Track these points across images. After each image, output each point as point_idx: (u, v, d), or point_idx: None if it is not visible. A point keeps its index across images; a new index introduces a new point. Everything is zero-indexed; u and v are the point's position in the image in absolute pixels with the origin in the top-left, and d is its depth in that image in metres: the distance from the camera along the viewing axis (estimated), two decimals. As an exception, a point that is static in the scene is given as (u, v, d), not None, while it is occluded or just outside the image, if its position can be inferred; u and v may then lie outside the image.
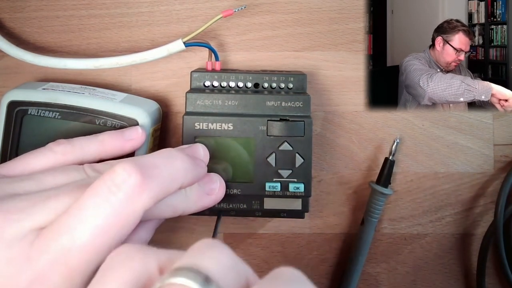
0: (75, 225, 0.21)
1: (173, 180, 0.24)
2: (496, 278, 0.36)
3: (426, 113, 0.36)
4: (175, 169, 0.24)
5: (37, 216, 0.22)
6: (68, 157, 0.27)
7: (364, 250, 0.35)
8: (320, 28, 0.36)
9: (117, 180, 0.21)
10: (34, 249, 0.21)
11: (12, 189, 0.24)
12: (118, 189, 0.21)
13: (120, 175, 0.21)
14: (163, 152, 0.25)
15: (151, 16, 0.36)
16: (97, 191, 0.21)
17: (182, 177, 0.25)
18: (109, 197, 0.21)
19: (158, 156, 0.24)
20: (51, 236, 0.21)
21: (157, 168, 0.23)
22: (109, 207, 0.21)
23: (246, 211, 0.31)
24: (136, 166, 0.22)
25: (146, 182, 0.22)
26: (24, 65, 0.35)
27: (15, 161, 0.27)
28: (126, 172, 0.22)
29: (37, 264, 0.21)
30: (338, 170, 0.36)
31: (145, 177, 0.22)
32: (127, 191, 0.21)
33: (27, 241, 0.21)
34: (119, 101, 0.32)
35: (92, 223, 0.21)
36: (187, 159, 0.26)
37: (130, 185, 0.21)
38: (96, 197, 0.21)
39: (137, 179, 0.22)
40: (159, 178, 0.23)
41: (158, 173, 0.23)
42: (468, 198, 0.36)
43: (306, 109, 0.31)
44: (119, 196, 0.21)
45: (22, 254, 0.21)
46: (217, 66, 0.33)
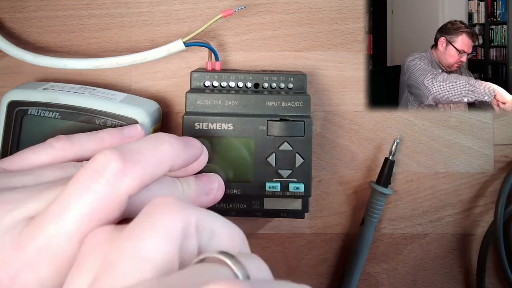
0: (60, 213, 0.21)
1: (159, 163, 0.24)
2: (496, 278, 0.36)
3: (426, 113, 0.36)
4: (161, 152, 0.24)
5: (29, 206, 0.22)
6: (68, 153, 0.28)
7: (364, 250, 0.35)
8: (320, 28, 0.36)
9: (97, 167, 0.22)
10: (22, 237, 0.21)
11: (11, 183, 0.24)
12: (99, 175, 0.21)
13: (100, 162, 0.22)
14: (150, 137, 0.25)
15: (151, 16, 0.36)
16: (80, 179, 0.22)
17: (170, 160, 0.25)
18: (91, 184, 0.21)
19: (143, 141, 0.25)
20: (38, 224, 0.21)
21: (141, 152, 0.23)
22: (91, 194, 0.21)
23: (246, 211, 0.31)
24: (116, 152, 0.22)
25: (127, 166, 0.22)
26: (24, 65, 0.35)
27: (16, 156, 0.28)
28: (107, 158, 0.22)
29: (25, 252, 0.21)
30: (338, 170, 0.36)
31: (126, 161, 0.22)
32: (108, 177, 0.21)
33: (17, 230, 0.21)
34: (119, 101, 0.32)
35: (76, 210, 0.21)
36: (175, 141, 0.25)
37: (110, 171, 0.22)
38: (79, 185, 0.21)
39: (118, 164, 0.22)
40: (142, 161, 0.23)
41: (141, 157, 0.23)
42: (468, 198, 0.36)
43: (306, 109, 0.31)
44: (101, 182, 0.21)
45: (11, 242, 0.21)
46: (217, 66, 0.33)
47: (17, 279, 0.21)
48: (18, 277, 0.21)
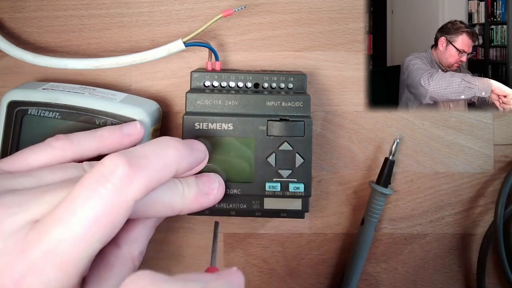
0: (67, 217, 0.21)
1: (165, 168, 0.24)
2: (496, 278, 0.36)
3: (426, 113, 0.36)
4: (167, 157, 0.24)
5: (33, 209, 0.22)
6: (67, 152, 0.28)
7: (364, 250, 0.35)
8: (320, 28, 0.36)
9: (105, 171, 0.22)
10: (27, 241, 0.21)
11: (12, 185, 0.24)
12: (106, 180, 0.22)
13: (107, 167, 0.22)
14: (155, 141, 0.25)
15: (151, 16, 0.36)
16: (87, 183, 0.22)
17: (176, 164, 0.25)
18: (98, 188, 0.21)
19: (149, 145, 0.25)
20: (44, 228, 0.21)
21: (147, 157, 0.23)
22: (98, 199, 0.21)
23: (246, 211, 0.31)
24: (123, 157, 0.22)
25: (134, 172, 0.22)
26: (24, 65, 0.35)
27: (15, 156, 0.27)
28: (114, 163, 0.22)
29: (30, 256, 0.21)
30: (338, 170, 0.36)
31: (133, 167, 0.22)
32: (115, 182, 0.22)
33: (21, 233, 0.21)
34: (119, 101, 0.32)
35: (82, 214, 0.21)
36: (180, 146, 0.26)
37: (118, 176, 0.22)
38: (85, 189, 0.22)
39: (124, 170, 0.22)
40: (148, 167, 0.23)
41: (147, 162, 0.23)
42: (468, 198, 0.36)
43: (306, 109, 0.31)
44: (108, 187, 0.21)
45: (16, 246, 0.21)
46: (217, 66, 0.33)
47: (22, 283, 0.21)
48: (23, 281, 0.21)
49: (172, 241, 0.36)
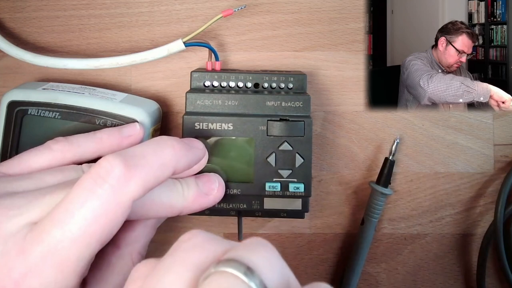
0: (65, 218, 0.21)
1: (162, 167, 0.24)
2: (496, 278, 0.36)
3: (426, 113, 0.36)
4: (164, 156, 0.24)
5: (32, 211, 0.22)
6: (66, 154, 0.28)
7: (364, 250, 0.35)
8: (320, 28, 0.36)
9: (101, 172, 0.22)
10: (26, 243, 0.21)
11: (12, 188, 0.24)
12: (103, 181, 0.22)
13: (104, 167, 0.22)
14: (152, 140, 0.25)
15: (151, 16, 0.36)
16: (84, 184, 0.22)
17: (173, 163, 0.25)
18: (95, 189, 0.22)
19: (145, 144, 0.25)
20: (42, 229, 0.21)
21: (144, 157, 0.23)
22: (96, 199, 0.21)
23: (246, 211, 0.31)
24: (120, 157, 0.22)
25: (131, 172, 0.22)
26: (24, 65, 0.35)
27: (15, 159, 0.27)
28: (110, 164, 0.22)
29: (29, 257, 0.21)
30: (338, 170, 0.36)
31: (129, 166, 0.22)
32: (112, 182, 0.22)
33: (21, 235, 0.22)
34: (119, 101, 0.32)
35: (80, 215, 0.21)
36: (178, 144, 0.26)
37: (114, 176, 0.22)
38: (83, 190, 0.22)
39: (121, 170, 0.22)
40: (145, 166, 0.23)
41: (144, 161, 0.23)
42: (468, 198, 0.36)
43: (306, 109, 0.31)
44: (105, 188, 0.22)
45: (15, 247, 0.21)
46: (217, 66, 0.33)
47: (22, 284, 0.21)
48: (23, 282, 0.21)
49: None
